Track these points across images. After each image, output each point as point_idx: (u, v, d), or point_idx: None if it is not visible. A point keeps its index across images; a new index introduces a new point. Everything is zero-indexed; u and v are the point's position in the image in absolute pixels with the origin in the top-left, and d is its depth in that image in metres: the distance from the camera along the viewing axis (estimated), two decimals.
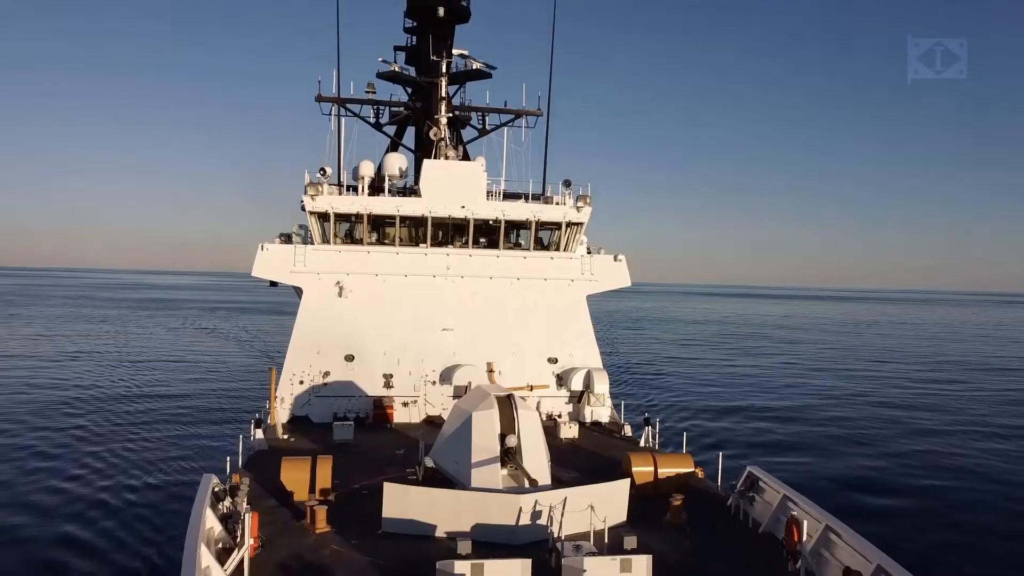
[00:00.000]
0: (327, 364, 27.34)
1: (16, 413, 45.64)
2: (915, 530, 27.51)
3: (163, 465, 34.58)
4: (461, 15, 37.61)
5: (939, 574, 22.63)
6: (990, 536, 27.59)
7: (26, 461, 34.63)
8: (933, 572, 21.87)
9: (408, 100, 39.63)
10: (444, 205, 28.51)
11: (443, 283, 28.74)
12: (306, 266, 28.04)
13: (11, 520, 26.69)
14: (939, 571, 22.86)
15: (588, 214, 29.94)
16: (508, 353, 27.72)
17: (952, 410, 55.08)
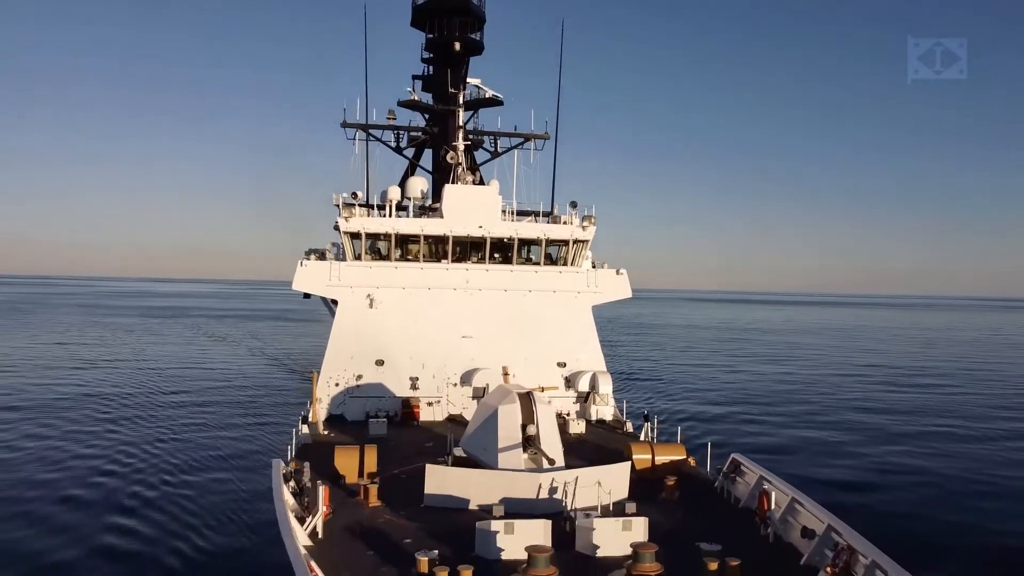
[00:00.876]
0: (360, 368, 30.46)
1: (78, 416, 48.80)
2: (869, 498, 31.87)
3: (227, 457, 38.03)
4: (476, 49, 41.11)
5: (882, 530, 25.97)
6: (941, 507, 31.06)
7: (112, 453, 38.02)
8: (879, 528, 25.33)
9: (426, 125, 43.05)
10: (464, 225, 31.72)
11: (463, 295, 31.91)
12: (340, 280, 31.24)
13: (121, 502, 30.14)
14: (884, 531, 26.13)
15: (592, 232, 33.14)
16: (521, 358, 30.75)
17: (934, 411, 58.31)
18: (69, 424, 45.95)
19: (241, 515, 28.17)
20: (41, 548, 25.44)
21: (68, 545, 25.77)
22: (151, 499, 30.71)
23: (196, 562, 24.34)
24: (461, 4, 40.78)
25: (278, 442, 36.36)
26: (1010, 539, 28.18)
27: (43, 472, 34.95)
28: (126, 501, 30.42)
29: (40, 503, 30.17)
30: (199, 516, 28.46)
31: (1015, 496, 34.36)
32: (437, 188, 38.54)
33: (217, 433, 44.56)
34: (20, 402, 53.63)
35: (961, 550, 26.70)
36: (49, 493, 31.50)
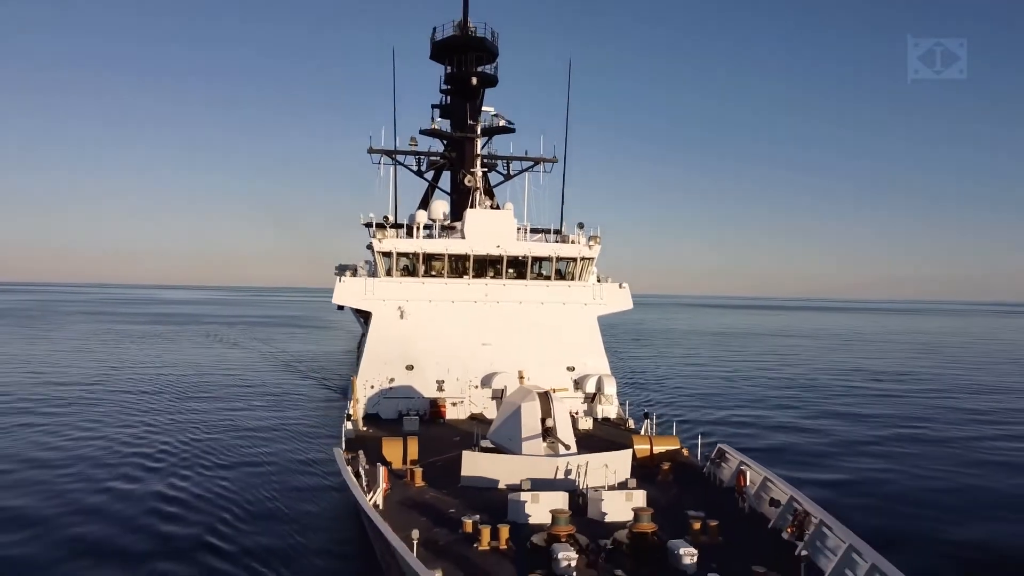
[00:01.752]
0: (392, 372, 34.25)
1: (140, 421, 52.59)
2: (832, 476, 36.07)
3: (286, 449, 42.12)
4: (490, 82, 45.14)
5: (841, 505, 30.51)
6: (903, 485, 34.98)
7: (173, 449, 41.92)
8: (836, 504, 29.79)
9: (444, 150, 47.03)
10: (483, 245, 35.58)
11: (482, 307, 35.73)
12: (374, 294, 35.06)
13: (194, 490, 33.77)
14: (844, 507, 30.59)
15: (597, 251, 37.00)
16: (535, 363, 34.51)
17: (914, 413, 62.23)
18: (135, 431, 49.70)
19: (303, 493, 32.63)
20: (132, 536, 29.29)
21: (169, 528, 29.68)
22: (224, 484, 34.80)
23: (279, 531, 28.64)
24: (476, 41, 44.88)
25: (316, 435, 40.73)
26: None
27: (126, 469, 38.87)
28: (209, 489, 34.40)
29: (127, 499, 33.93)
30: (261, 497, 32.96)
31: (973, 489, 38.24)
32: (455, 208, 42.52)
33: (258, 429, 48.73)
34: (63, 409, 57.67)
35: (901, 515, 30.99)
36: (140, 489, 35.21)
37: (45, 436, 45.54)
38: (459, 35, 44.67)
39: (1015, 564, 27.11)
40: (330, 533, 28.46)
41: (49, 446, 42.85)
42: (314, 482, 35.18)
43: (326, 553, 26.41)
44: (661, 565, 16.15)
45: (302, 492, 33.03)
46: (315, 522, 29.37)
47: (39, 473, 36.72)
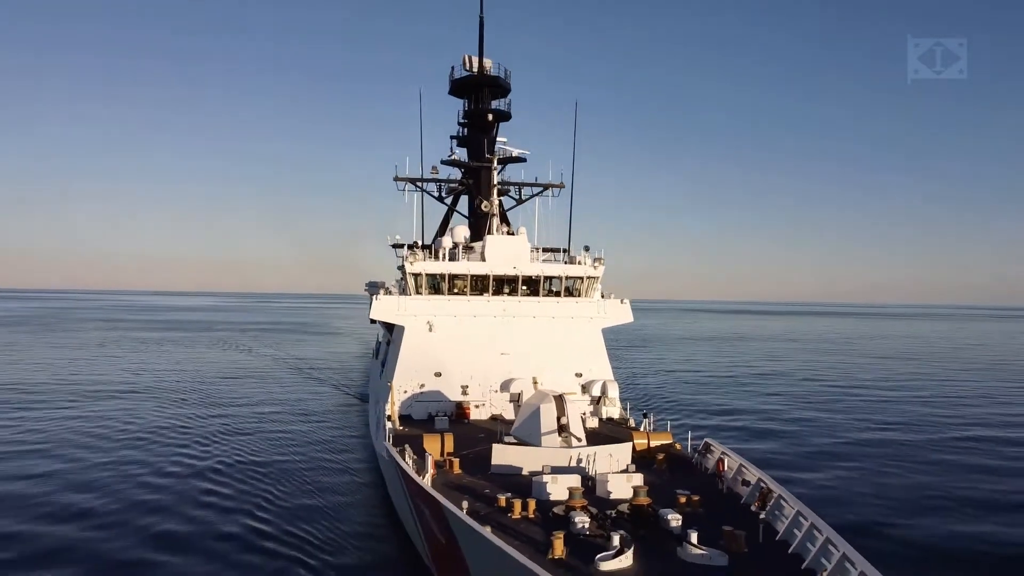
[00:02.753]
0: (423, 378, 38.96)
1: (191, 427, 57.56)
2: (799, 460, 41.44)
3: (309, 444, 48.22)
4: (504, 117, 50.02)
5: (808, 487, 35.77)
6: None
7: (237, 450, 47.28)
8: (803, 487, 35.17)
9: (462, 177, 51.92)
10: (501, 267, 40.33)
11: (500, 321, 40.43)
12: (406, 310, 39.79)
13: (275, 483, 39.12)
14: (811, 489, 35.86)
15: (602, 271, 41.77)
16: (547, 370, 39.19)
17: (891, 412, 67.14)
18: (172, 431, 54.81)
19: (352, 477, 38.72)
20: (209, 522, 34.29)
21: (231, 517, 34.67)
22: (284, 477, 40.39)
23: (342, 510, 34.21)
24: (490, 79, 49.79)
25: (336, 433, 46.30)
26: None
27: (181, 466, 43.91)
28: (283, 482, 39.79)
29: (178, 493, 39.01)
30: (320, 482, 38.69)
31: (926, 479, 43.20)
32: (473, 230, 47.33)
33: (282, 427, 54.15)
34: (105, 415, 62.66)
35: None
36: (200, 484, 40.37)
37: (93, 435, 50.94)
38: (475, 75, 49.56)
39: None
40: (360, 514, 34.29)
41: (97, 444, 48.34)
42: (340, 472, 41.68)
43: (360, 535, 31.66)
44: (654, 528, 20.84)
45: (331, 482, 39.11)
46: (346, 508, 34.96)
47: (98, 468, 42.22)
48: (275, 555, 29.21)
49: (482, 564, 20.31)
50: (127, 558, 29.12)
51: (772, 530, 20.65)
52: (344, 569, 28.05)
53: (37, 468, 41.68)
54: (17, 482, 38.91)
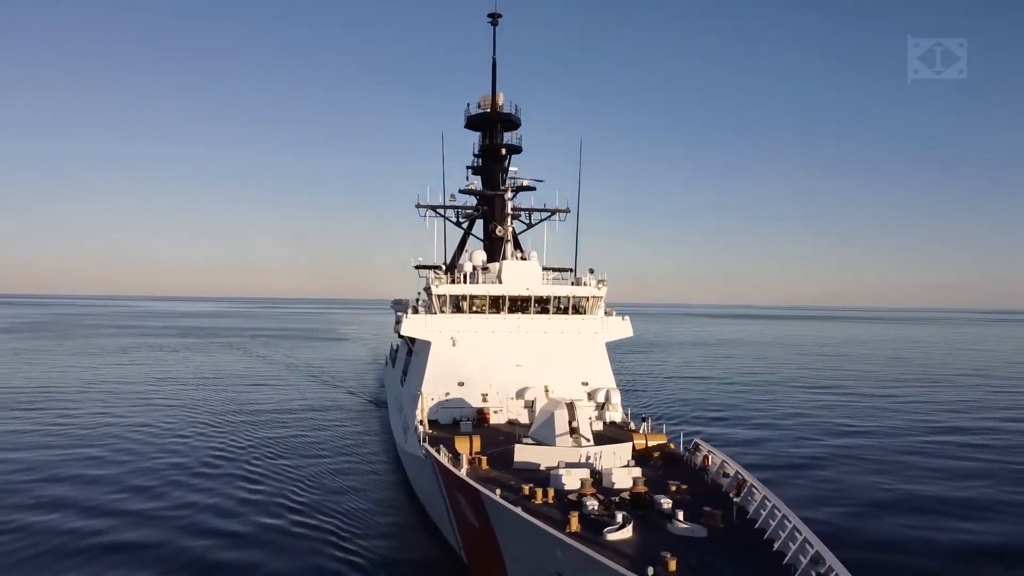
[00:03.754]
0: (448, 387, 43.93)
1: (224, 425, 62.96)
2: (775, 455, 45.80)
3: (333, 444, 53.66)
4: (516, 150, 55.27)
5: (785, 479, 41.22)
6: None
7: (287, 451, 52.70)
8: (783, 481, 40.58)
9: (477, 204, 57.15)
10: (516, 288, 45.38)
11: (515, 336, 45.42)
12: (433, 327, 44.87)
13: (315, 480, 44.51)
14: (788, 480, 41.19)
15: (605, 291, 46.85)
16: (557, 379, 44.08)
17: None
18: (203, 430, 60.05)
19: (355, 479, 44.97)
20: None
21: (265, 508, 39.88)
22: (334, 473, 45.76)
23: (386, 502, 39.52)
24: (503, 116, 55.05)
25: (355, 432, 53.94)
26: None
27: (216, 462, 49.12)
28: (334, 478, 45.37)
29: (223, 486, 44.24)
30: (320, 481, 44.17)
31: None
32: (488, 252, 52.49)
33: (304, 429, 59.59)
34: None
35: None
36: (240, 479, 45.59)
37: (131, 439, 56.53)
38: (489, 112, 54.82)
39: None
40: (389, 509, 39.84)
41: (136, 447, 53.72)
42: (367, 472, 47.26)
43: (390, 528, 36.98)
44: (649, 509, 25.91)
45: (359, 481, 44.77)
46: (378, 504, 40.44)
47: (141, 469, 47.73)
48: (313, 546, 33.86)
49: (512, 539, 25.41)
50: (182, 548, 33.73)
51: (744, 511, 25.77)
52: (380, 559, 32.59)
53: (91, 468, 47.15)
54: (77, 485, 43.80)
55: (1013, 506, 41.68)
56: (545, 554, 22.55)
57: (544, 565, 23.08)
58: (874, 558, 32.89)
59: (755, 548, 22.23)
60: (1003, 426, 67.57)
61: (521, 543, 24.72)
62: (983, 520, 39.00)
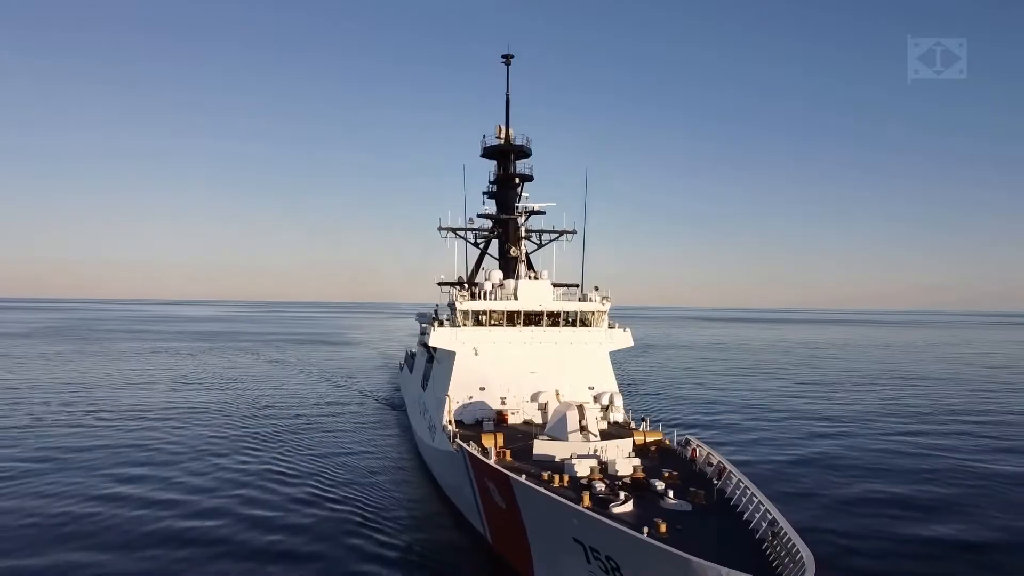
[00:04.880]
0: (470, 392, 49.94)
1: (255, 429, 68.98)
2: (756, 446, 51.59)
3: (354, 442, 59.04)
4: (528, 179, 61.51)
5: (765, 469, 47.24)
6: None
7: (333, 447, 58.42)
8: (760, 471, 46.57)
9: (493, 226, 63.37)
10: (530, 304, 51.48)
11: (530, 347, 51.45)
12: (457, 339, 51.00)
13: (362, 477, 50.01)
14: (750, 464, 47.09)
15: (608, 306, 52.94)
16: (566, 384, 50.21)
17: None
18: (232, 429, 66.19)
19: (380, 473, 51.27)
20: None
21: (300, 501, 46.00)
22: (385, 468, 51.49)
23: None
24: (516, 147, 61.29)
25: (374, 432, 61.61)
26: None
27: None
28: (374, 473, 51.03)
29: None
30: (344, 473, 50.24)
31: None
32: (503, 270, 58.64)
33: (324, 428, 65.78)
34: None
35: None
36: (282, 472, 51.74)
37: (163, 439, 62.38)
38: (503, 144, 61.10)
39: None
40: (415, 500, 45.63)
41: (167, 447, 59.38)
42: (395, 469, 52.98)
43: (420, 516, 42.53)
44: (646, 490, 31.95)
45: (389, 478, 50.39)
46: (411, 497, 46.23)
47: (191, 456, 54.38)
48: (349, 533, 38.29)
49: (536, 514, 31.49)
50: (223, 536, 37.99)
51: (723, 492, 31.87)
52: (411, 546, 37.20)
53: (138, 466, 52.66)
54: (126, 484, 47.90)
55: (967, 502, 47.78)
56: (564, 523, 28.66)
57: (562, 533, 29.18)
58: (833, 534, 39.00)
59: (728, 517, 28.37)
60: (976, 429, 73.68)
61: (543, 516, 30.82)
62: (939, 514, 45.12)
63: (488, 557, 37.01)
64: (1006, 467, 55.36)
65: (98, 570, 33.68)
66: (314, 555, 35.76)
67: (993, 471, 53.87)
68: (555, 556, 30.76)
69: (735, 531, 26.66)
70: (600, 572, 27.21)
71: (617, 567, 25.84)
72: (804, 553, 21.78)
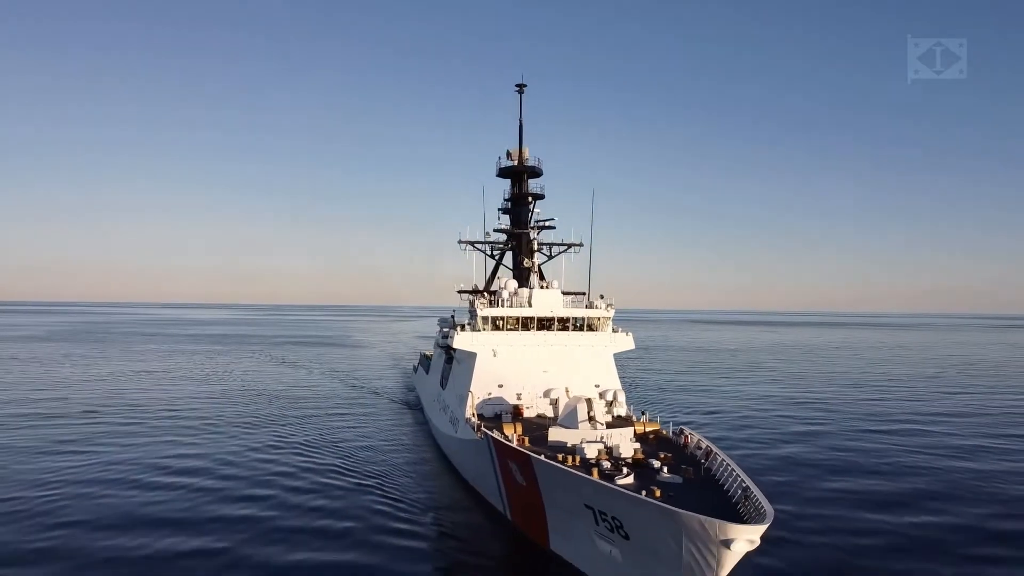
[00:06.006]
0: (490, 388, 56.11)
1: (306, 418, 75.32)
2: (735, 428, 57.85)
3: (376, 437, 64.95)
4: (540, 197, 67.99)
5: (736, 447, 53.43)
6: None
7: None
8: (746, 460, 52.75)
9: (507, 239, 69.84)
10: (543, 311, 57.81)
11: (543, 349, 57.60)
12: (478, 341, 57.30)
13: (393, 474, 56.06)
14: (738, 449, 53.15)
15: (612, 312, 59.30)
16: (575, 382, 56.30)
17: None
18: (259, 423, 72.39)
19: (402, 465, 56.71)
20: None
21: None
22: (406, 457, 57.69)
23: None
24: (529, 168, 67.76)
25: (393, 430, 67.16)
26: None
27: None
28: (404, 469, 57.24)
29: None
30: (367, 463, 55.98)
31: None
32: (517, 279, 65.05)
33: (344, 423, 71.66)
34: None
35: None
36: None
37: (203, 430, 68.13)
38: (516, 165, 67.59)
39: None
40: (439, 488, 50.80)
41: (203, 439, 64.67)
42: (418, 462, 57.99)
43: (445, 501, 47.72)
44: (645, 467, 38.23)
45: (407, 467, 55.61)
46: (421, 482, 51.85)
47: (232, 450, 59.62)
48: (377, 514, 42.38)
49: (553, 487, 37.70)
50: (276, 517, 41.75)
51: (709, 470, 38.15)
52: (434, 526, 41.35)
53: (187, 457, 58.06)
54: (174, 476, 51.78)
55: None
56: (577, 492, 34.99)
57: (576, 501, 35.46)
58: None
59: (711, 488, 34.70)
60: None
61: (559, 488, 37.10)
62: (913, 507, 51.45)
63: (506, 530, 41.97)
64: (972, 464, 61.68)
65: (169, 534, 39.21)
66: (346, 532, 39.99)
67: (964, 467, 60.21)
68: (568, 522, 37.05)
69: (715, 495, 33.04)
70: (606, 531, 33.57)
71: (621, 524, 32.20)
72: (767, 507, 28.09)
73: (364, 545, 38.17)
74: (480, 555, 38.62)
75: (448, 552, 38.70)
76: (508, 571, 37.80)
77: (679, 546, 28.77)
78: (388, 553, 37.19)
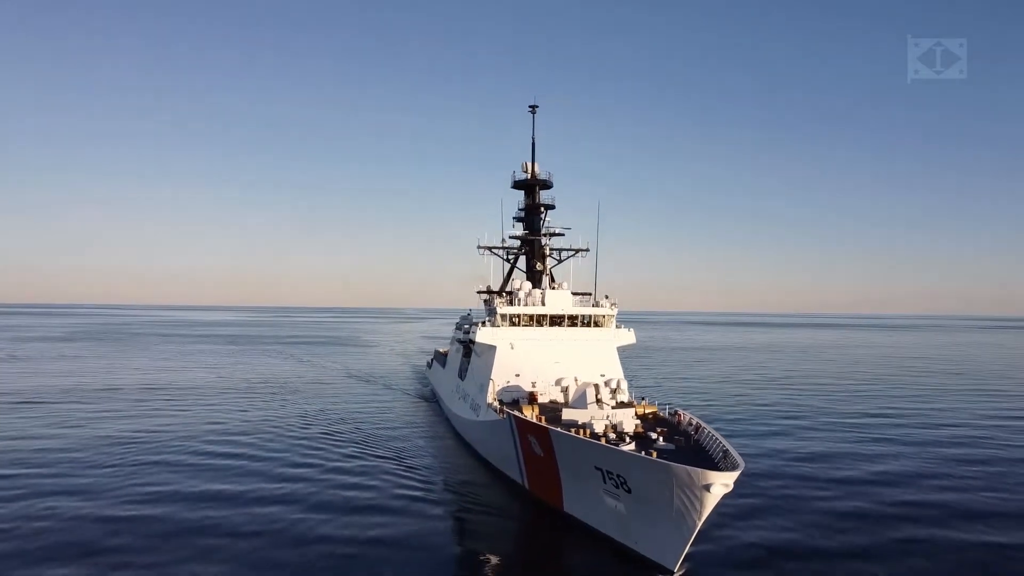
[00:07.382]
0: (508, 377, 63.02)
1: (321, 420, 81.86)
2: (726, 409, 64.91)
3: (395, 425, 71.91)
4: (551, 207, 75.46)
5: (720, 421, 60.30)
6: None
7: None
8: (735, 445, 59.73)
9: (521, 244, 77.27)
10: (554, 309, 65.07)
11: (555, 343, 64.69)
12: (498, 336, 64.46)
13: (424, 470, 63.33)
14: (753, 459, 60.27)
15: (616, 311, 66.68)
16: (583, 372, 63.09)
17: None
18: (287, 418, 79.28)
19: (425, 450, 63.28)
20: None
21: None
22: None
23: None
24: (541, 181, 75.22)
25: (413, 418, 73.39)
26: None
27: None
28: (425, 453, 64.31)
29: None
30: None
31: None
32: (530, 281, 72.39)
33: (368, 414, 78.55)
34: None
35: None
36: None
37: (235, 427, 74.27)
38: (529, 178, 75.04)
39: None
40: (461, 470, 57.63)
41: (245, 432, 70.34)
42: (442, 450, 63.85)
43: (468, 480, 55.43)
44: (645, 440, 45.38)
45: (430, 450, 61.37)
46: (445, 463, 58.82)
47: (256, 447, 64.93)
48: (406, 488, 47.33)
49: (567, 453, 44.74)
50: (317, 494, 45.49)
51: (698, 442, 45.39)
52: (461, 498, 46.47)
53: (234, 448, 61.45)
54: (209, 470, 56.15)
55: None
56: (588, 456, 42.25)
57: (587, 464, 42.61)
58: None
59: (699, 455, 41.98)
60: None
61: (573, 454, 44.24)
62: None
63: (524, 498, 47.41)
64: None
65: (221, 507, 43.35)
66: (378, 506, 44.23)
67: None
68: (580, 483, 44.26)
69: (701, 457, 40.37)
70: (612, 487, 40.88)
71: (624, 480, 39.50)
72: (739, 460, 35.42)
73: (401, 513, 43.10)
74: (503, 518, 45.15)
75: (474, 519, 43.74)
76: (528, 531, 44.20)
77: (671, 493, 36.05)
78: (420, 522, 41.84)
